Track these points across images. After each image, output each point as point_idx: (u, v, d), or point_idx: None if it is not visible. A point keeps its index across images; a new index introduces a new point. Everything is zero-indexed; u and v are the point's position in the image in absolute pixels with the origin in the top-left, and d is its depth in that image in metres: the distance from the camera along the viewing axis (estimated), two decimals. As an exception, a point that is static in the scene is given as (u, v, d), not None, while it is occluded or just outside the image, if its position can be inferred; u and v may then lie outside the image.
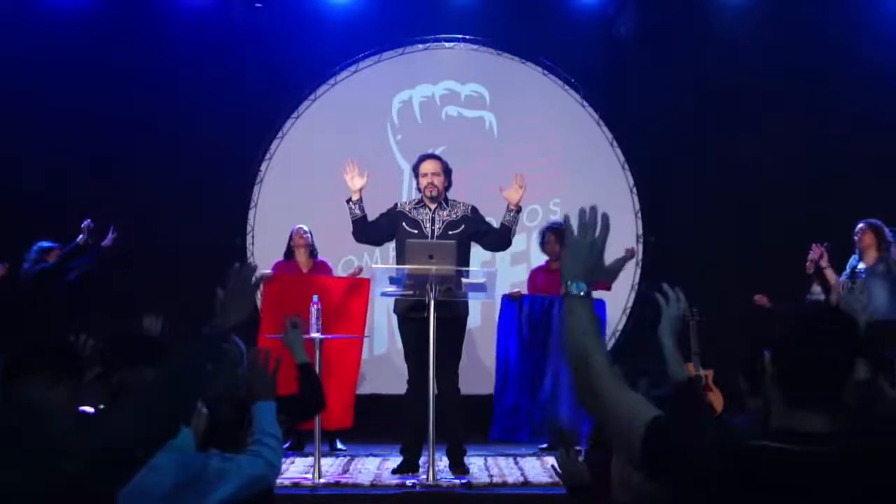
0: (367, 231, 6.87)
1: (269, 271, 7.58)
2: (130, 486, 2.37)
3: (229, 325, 2.55)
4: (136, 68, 9.32)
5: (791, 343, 2.07)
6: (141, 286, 8.80)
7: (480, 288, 6.52)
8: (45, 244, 8.19)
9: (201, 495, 2.96)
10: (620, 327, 9.25)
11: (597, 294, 8.40)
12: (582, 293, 2.17)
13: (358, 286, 7.53)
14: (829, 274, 7.75)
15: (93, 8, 9.49)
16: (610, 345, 8.09)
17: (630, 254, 7.78)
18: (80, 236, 8.15)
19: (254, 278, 2.62)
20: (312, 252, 8.03)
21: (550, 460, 6.24)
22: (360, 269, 8.07)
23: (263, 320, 7.26)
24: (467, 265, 6.68)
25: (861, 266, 7.71)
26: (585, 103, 9.60)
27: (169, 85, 9.35)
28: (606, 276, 2.23)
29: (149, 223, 8.98)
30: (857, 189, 9.11)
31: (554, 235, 7.80)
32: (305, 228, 8.02)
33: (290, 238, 8.03)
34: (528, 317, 7.61)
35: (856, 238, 7.76)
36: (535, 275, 8.09)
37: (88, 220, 8.17)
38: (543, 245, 7.97)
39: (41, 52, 9.28)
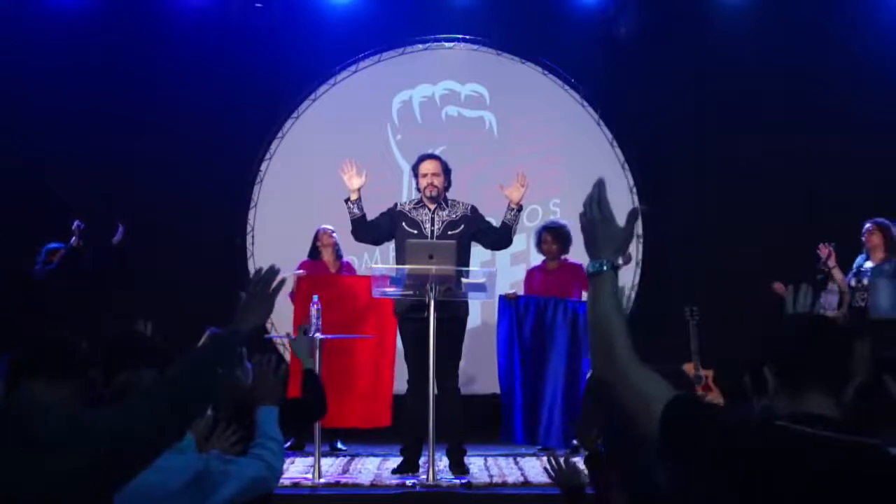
0: (367, 230, 6.85)
1: (301, 271, 7.51)
2: (131, 487, 2.36)
3: (247, 329, 2.56)
4: (136, 68, 9.33)
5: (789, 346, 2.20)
6: (140, 286, 8.79)
7: (480, 288, 6.50)
8: (53, 245, 8.16)
9: (202, 497, 2.96)
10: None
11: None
12: (603, 269, 2.17)
13: None
14: (836, 273, 7.74)
15: (93, 8, 9.49)
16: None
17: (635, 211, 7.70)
18: (73, 238, 8.13)
19: (275, 282, 2.61)
20: (338, 252, 7.98)
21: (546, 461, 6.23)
22: None
23: (296, 321, 7.15)
24: (467, 265, 6.66)
25: (868, 265, 7.68)
26: (585, 103, 9.61)
27: (169, 85, 9.35)
28: (630, 239, 2.24)
29: (149, 223, 8.98)
30: (857, 189, 9.11)
31: (550, 235, 7.75)
32: (331, 228, 7.92)
33: (316, 238, 7.94)
34: (524, 318, 7.55)
35: (863, 238, 7.73)
36: (532, 275, 7.96)
37: (78, 222, 8.14)
38: (540, 245, 7.84)
39: (41, 52, 9.28)
